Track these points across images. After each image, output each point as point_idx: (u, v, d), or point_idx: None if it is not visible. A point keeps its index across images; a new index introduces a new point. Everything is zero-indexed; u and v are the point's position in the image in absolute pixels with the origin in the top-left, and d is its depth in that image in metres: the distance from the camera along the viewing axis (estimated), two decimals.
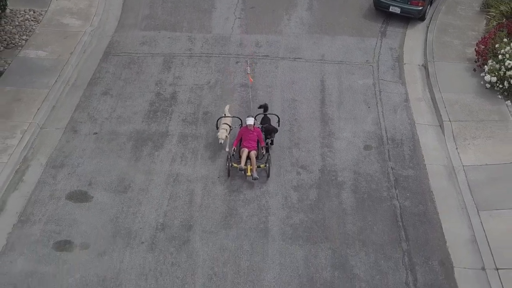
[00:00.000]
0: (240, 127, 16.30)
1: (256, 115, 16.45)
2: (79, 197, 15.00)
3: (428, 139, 17.02)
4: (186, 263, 13.35)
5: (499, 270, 13.19)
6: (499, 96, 18.13)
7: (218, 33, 21.32)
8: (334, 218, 14.51)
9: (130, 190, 15.18)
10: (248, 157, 15.36)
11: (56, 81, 18.80)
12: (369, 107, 18.09)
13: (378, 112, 17.89)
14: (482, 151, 16.37)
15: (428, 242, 13.95)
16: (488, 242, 13.84)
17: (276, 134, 16.67)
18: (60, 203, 14.83)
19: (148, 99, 18.27)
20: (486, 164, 15.94)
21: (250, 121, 15.66)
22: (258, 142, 15.74)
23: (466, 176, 15.60)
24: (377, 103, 18.28)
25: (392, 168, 15.97)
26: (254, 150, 15.47)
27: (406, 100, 18.47)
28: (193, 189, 15.25)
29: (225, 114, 16.57)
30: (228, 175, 15.30)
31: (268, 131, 16.09)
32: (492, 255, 13.53)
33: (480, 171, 15.76)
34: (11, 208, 14.71)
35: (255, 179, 15.04)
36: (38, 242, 13.83)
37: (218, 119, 16.33)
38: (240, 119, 16.50)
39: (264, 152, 15.79)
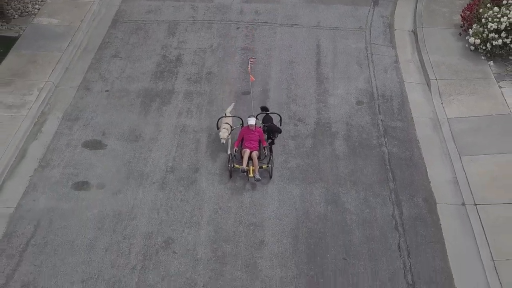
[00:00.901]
0: (241, 127, 15.98)
1: (258, 114, 16.16)
2: (94, 145, 16.33)
3: (415, 95, 18.34)
4: (194, 199, 14.72)
5: (477, 206, 14.53)
6: (482, 57, 19.43)
7: (220, 2, 22.58)
8: (327, 163, 15.86)
9: (141, 139, 16.51)
10: (250, 158, 15.10)
11: (68, 45, 20.08)
12: (361, 67, 19.41)
13: (369, 72, 19.20)
14: (465, 105, 17.70)
15: (413, 182, 15.30)
16: (468, 182, 15.18)
17: (275, 92, 18.02)
18: (76, 150, 16.17)
19: (155, 61, 19.56)
20: (469, 117, 17.27)
21: (252, 121, 15.36)
22: (259, 142, 15.52)
23: (450, 127, 16.94)
24: (369, 64, 19.59)
25: (381, 120, 17.31)
26: (255, 150, 15.22)
27: (396, 61, 19.77)
28: (198, 138, 16.58)
29: (225, 114, 16.26)
30: (230, 176, 15.10)
31: (271, 131, 15.71)
32: (471, 193, 14.86)
33: (463, 122, 17.09)
34: (31, 155, 16.04)
35: (257, 180, 14.85)
36: (58, 183, 15.18)
37: (219, 119, 16.07)
38: (241, 119, 16.15)
39: (267, 153, 15.53)
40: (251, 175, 14.90)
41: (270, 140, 15.74)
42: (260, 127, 15.82)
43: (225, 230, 13.94)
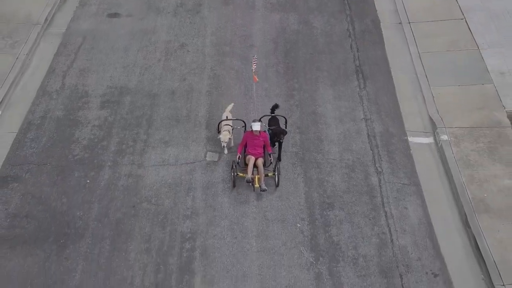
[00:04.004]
0: (244, 130, 15.09)
1: (262, 117, 15.19)
2: None
3: None
4: (200, 22, 19.66)
5: (410, 23, 19.58)
6: None
7: None
8: (300, 2, 20.73)
9: None
10: (255, 165, 14.00)
11: None
12: None
13: None
14: None
15: (364, 11, 20.26)
16: (405, 10, 20.14)
17: None
18: None
19: None
20: None
21: (257, 126, 14.07)
22: (264, 148, 14.38)
23: None
24: None
25: None
26: (260, 157, 14.12)
27: None
28: None
29: (227, 117, 15.12)
30: (234, 186, 14.06)
31: (277, 134, 14.54)
32: (407, 17, 19.84)
33: None
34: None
35: (263, 190, 13.71)
36: (95, 14, 20.04)
37: (220, 122, 15.03)
38: (244, 121, 15.19)
39: (272, 160, 14.37)
40: (257, 185, 13.75)
41: (276, 144, 14.66)
42: (265, 131, 14.76)
43: (225, 38, 18.94)
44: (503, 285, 12.03)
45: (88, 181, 14.30)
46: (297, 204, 13.82)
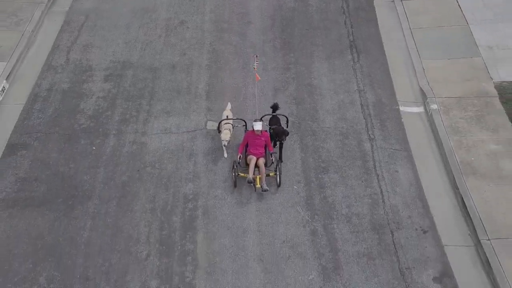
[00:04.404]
0: (245, 129, 14.90)
1: (263, 116, 14.97)
2: None
3: None
4: (199, 0, 20.26)
5: (403, 1, 20.23)
6: None
7: None
8: None
9: None
10: (256, 166, 13.95)
11: None
12: None
13: None
14: None
15: None
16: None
17: None
18: None
19: None
20: None
21: (259, 126, 13.97)
22: (266, 147, 14.32)
23: None
24: None
25: None
26: (262, 157, 14.10)
27: None
28: None
29: (227, 116, 15.09)
30: (235, 186, 14.01)
31: (278, 134, 14.42)
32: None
33: None
34: None
35: (264, 190, 13.64)
36: None
37: (220, 122, 14.91)
38: (245, 121, 15.03)
39: (274, 160, 14.29)
40: (258, 185, 13.74)
41: (277, 144, 14.57)
42: (266, 130, 14.60)
43: (223, 15, 19.59)
44: (488, 239, 12.78)
45: (94, 148, 14.97)
46: (294, 168, 14.54)
